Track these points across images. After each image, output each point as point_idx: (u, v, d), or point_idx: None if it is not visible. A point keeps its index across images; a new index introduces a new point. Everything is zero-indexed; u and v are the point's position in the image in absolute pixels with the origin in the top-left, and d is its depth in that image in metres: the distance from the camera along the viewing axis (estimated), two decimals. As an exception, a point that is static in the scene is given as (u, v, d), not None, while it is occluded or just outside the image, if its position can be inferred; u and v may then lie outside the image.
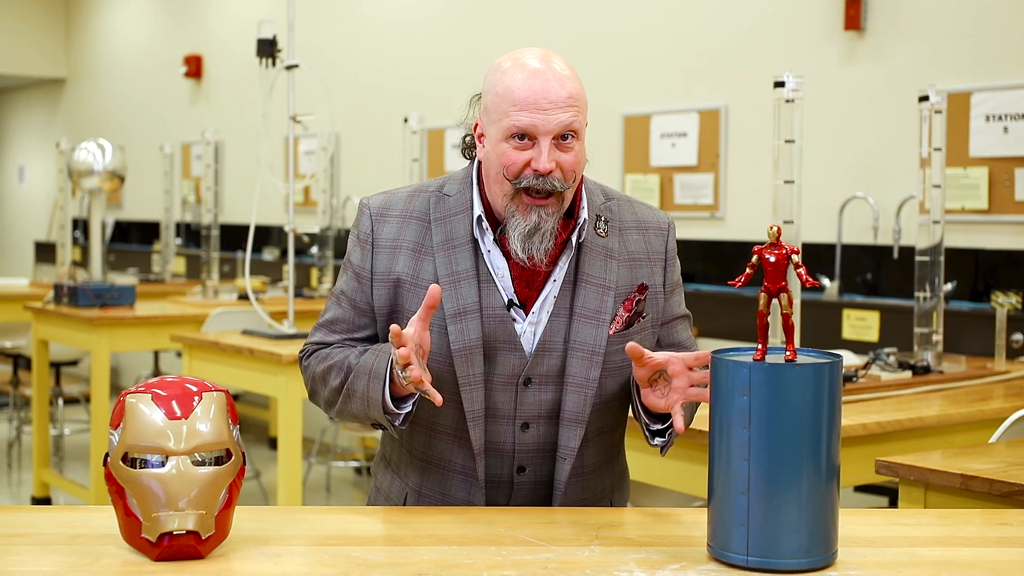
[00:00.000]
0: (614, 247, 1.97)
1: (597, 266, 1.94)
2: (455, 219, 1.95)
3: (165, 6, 9.07)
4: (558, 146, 1.85)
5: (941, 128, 3.57)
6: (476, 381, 1.91)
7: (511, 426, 1.94)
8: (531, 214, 1.86)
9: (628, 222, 2.01)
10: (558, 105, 1.83)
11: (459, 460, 1.96)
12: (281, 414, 4.09)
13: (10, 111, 11.82)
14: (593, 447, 1.99)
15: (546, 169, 1.83)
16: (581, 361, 1.92)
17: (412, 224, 1.97)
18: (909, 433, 2.93)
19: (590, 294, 1.93)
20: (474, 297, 1.91)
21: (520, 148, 1.85)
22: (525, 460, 1.96)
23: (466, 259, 1.92)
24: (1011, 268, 4.11)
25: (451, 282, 1.91)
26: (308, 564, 1.58)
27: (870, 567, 1.57)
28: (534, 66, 1.86)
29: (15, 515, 1.83)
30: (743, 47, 5.00)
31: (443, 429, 1.95)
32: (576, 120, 1.85)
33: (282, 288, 5.91)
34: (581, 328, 1.92)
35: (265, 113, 4.36)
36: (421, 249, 1.95)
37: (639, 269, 1.98)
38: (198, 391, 1.61)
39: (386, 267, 1.96)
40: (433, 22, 6.57)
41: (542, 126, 1.83)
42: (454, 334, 1.90)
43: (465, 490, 1.96)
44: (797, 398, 1.53)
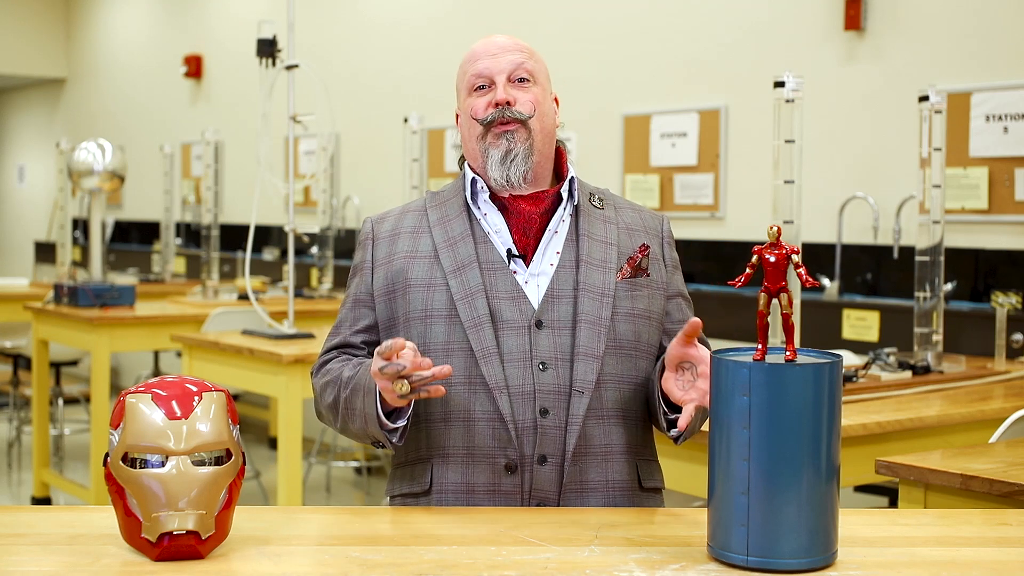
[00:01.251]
0: (611, 216, 2.09)
1: (597, 226, 2.06)
2: (448, 202, 2.09)
3: (165, 6, 9.07)
4: (515, 86, 2.03)
5: (941, 128, 3.57)
6: (482, 321, 1.96)
7: (528, 367, 1.96)
8: (501, 140, 2.01)
9: (622, 204, 2.14)
10: (507, 49, 2.05)
11: (479, 406, 1.95)
12: (281, 414, 4.09)
13: (10, 111, 11.82)
14: (612, 391, 1.98)
15: (502, 98, 2.01)
16: (592, 301, 1.99)
17: (409, 215, 2.11)
18: (909, 433, 2.94)
19: (594, 247, 2.03)
20: (471, 253, 2.01)
21: (482, 94, 2.04)
22: (547, 402, 1.95)
23: (460, 224, 2.04)
24: (1011, 268, 4.11)
25: (448, 245, 2.02)
26: (308, 564, 1.58)
27: (870, 567, 1.57)
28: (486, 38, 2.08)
29: (15, 515, 1.83)
30: (743, 47, 5.00)
31: (457, 379, 1.95)
32: (528, 63, 2.04)
33: (282, 288, 5.91)
34: (589, 272, 2.01)
35: (265, 113, 4.36)
36: (419, 230, 2.07)
37: (637, 237, 2.09)
38: (198, 391, 1.61)
39: (387, 252, 2.07)
40: (433, 22, 6.57)
41: (494, 66, 2.03)
42: (455, 286, 1.98)
43: (492, 436, 1.94)
44: (797, 398, 1.53)
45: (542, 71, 2.08)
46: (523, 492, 1.94)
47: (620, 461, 2.00)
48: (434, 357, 1.96)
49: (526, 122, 2.01)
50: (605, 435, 1.98)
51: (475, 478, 1.95)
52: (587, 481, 1.96)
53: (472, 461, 1.95)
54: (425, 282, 2.01)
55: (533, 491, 1.94)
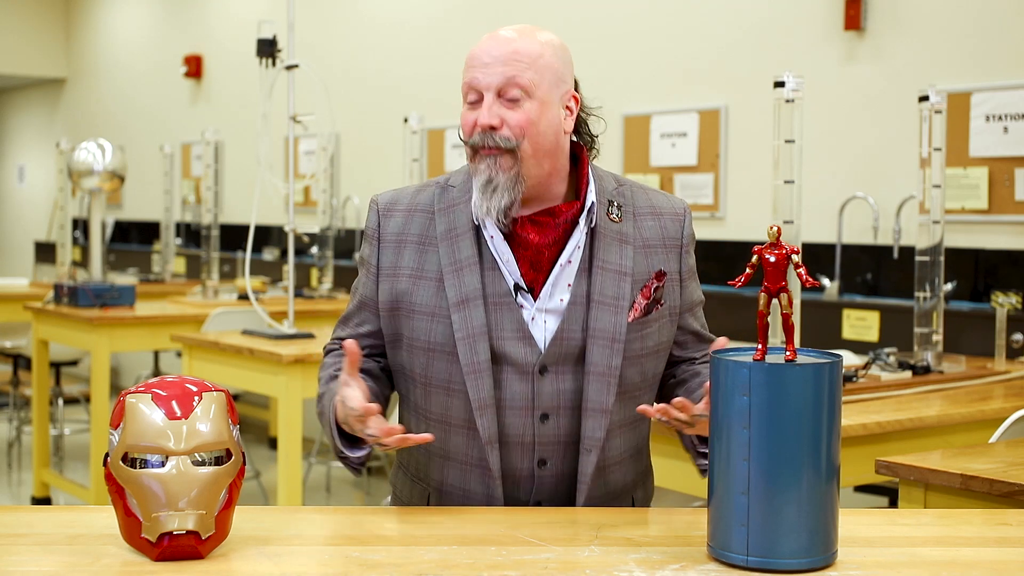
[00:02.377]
0: (628, 232, 1.94)
1: (612, 252, 1.92)
2: (457, 208, 1.94)
3: (165, 6, 9.07)
4: (505, 104, 1.85)
5: (941, 128, 3.57)
6: (481, 368, 1.88)
7: (529, 417, 1.90)
8: (482, 165, 1.86)
9: (642, 208, 1.98)
10: (499, 60, 1.85)
11: (475, 453, 1.92)
12: (281, 414, 4.09)
13: (10, 111, 11.82)
14: (616, 439, 1.94)
15: (484, 123, 1.84)
16: (602, 349, 1.89)
17: (417, 217, 1.97)
18: (909, 433, 2.93)
19: (607, 280, 1.90)
20: (476, 284, 1.89)
21: (472, 108, 1.88)
22: (546, 453, 1.92)
23: (468, 247, 1.91)
24: (1011, 268, 4.11)
25: (454, 270, 1.90)
26: (308, 564, 1.58)
27: (870, 567, 1.57)
28: (496, 32, 1.91)
29: (15, 515, 1.83)
30: (743, 47, 5.00)
31: (456, 422, 1.93)
32: (521, 76, 1.84)
33: (282, 288, 5.91)
34: (600, 315, 1.89)
35: (265, 113, 4.36)
36: (425, 241, 1.94)
37: (655, 256, 1.95)
38: (198, 391, 1.61)
39: (392, 262, 1.96)
40: (433, 22, 6.57)
41: (482, 79, 1.86)
42: (457, 322, 1.88)
43: (484, 484, 1.92)
44: (797, 398, 1.53)
45: (547, 78, 1.86)
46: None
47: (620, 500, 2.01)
48: (436, 393, 1.93)
49: (513, 149, 1.84)
50: (606, 484, 1.96)
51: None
52: None
53: (467, 502, 1.95)
54: (429, 311, 1.91)
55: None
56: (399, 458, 2.10)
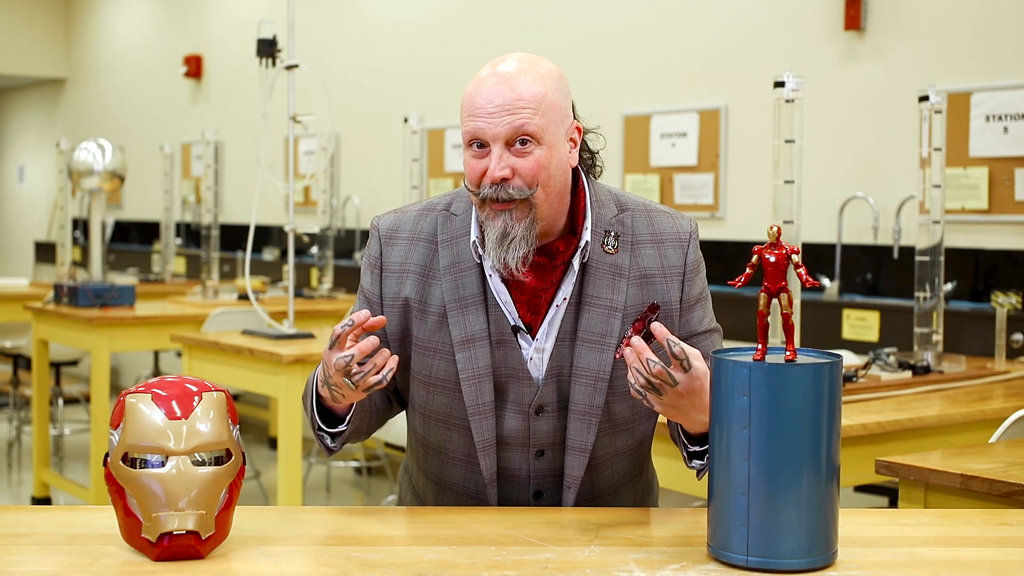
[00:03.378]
0: (624, 264, 1.89)
1: (603, 287, 1.87)
2: (461, 241, 1.90)
3: (165, 6, 9.07)
4: (514, 152, 1.79)
5: (941, 128, 3.57)
6: (486, 410, 1.89)
7: (526, 453, 1.92)
8: (497, 220, 1.81)
9: (642, 235, 1.92)
10: (505, 109, 1.78)
11: (472, 486, 1.95)
12: (281, 414, 4.09)
13: (10, 111, 11.82)
14: (606, 471, 1.95)
15: (495, 177, 1.79)
16: (584, 388, 1.88)
17: (419, 246, 1.93)
18: (909, 433, 2.93)
19: (594, 317, 1.87)
20: (482, 324, 1.87)
21: (478, 156, 1.82)
22: (542, 485, 1.94)
23: (473, 283, 1.88)
24: (1011, 268, 4.11)
25: (458, 308, 1.88)
26: (308, 564, 1.58)
27: (870, 567, 1.57)
28: (495, 70, 1.82)
29: (15, 515, 1.83)
30: (743, 47, 5.00)
31: (455, 455, 1.94)
32: (530, 123, 1.78)
33: (282, 288, 5.91)
34: (584, 353, 1.87)
35: (265, 113, 4.36)
36: (428, 273, 1.91)
37: (652, 286, 1.90)
38: (198, 391, 1.61)
39: (394, 292, 1.93)
40: (433, 22, 6.57)
41: (489, 131, 1.79)
42: (462, 362, 1.87)
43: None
44: (797, 398, 1.53)
45: (552, 119, 1.80)
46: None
47: None
48: (435, 425, 1.94)
49: (527, 199, 1.80)
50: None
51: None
52: None
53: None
54: (431, 346, 1.90)
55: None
56: (406, 462, 2.11)
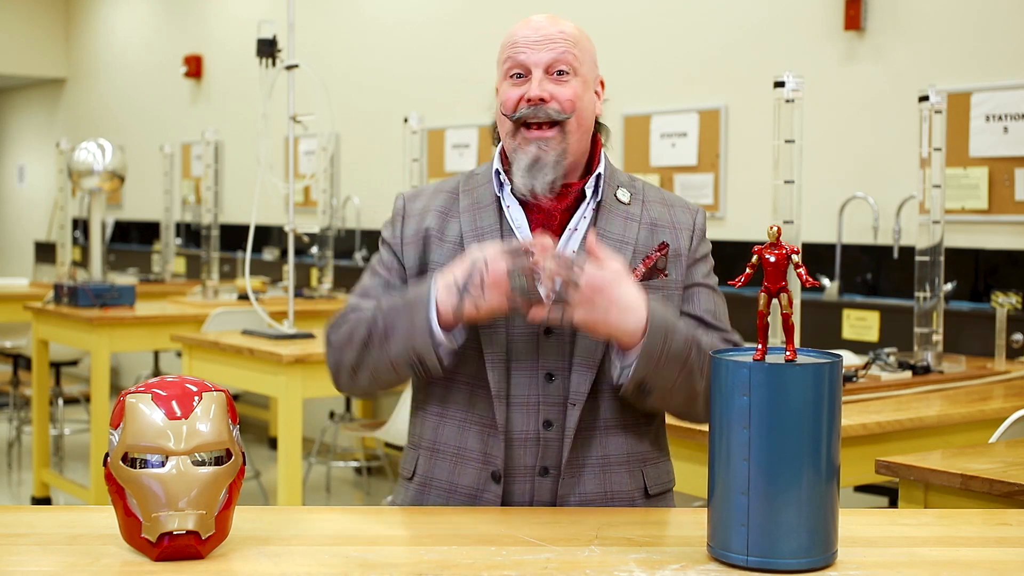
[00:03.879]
0: (635, 212, 2.00)
1: (615, 225, 1.97)
2: (481, 188, 2.01)
3: (165, 6, 9.07)
4: (552, 80, 1.92)
5: (941, 128, 3.57)
6: (496, 325, 1.92)
7: (535, 378, 1.92)
8: (530, 146, 1.91)
9: (653, 197, 2.04)
10: (549, 38, 1.93)
11: (477, 410, 1.93)
12: (281, 414, 4.09)
13: (10, 111, 11.82)
14: (611, 400, 1.94)
15: (536, 95, 1.90)
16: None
17: (441, 195, 2.04)
18: (909, 433, 2.93)
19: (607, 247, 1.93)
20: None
21: (516, 84, 1.93)
22: (550, 414, 1.93)
23: (490, 216, 1.97)
24: (1011, 268, 4.11)
25: (474, 237, 1.96)
26: (308, 564, 1.58)
27: (870, 567, 1.57)
28: (535, 16, 1.98)
29: (15, 515, 1.83)
30: (743, 47, 5.00)
31: (462, 378, 1.95)
32: (570, 53, 1.92)
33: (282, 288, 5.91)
34: None
35: (265, 113, 4.36)
36: (448, 212, 2.00)
37: (661, 233, 1.99)
38: (198, 391, 1.61)
39: (414, 229, 2.01)
40: (433, 22, 6.57)
41: (532, 56, 1.92)
42: None
43: (483, 442, 1.93)
44: (797, 398, 1.53)
45: (587, 58, 1.96)
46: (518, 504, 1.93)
47: (620, 472, 1.96)
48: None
49: (562, 123, 1.91)
50: (601, 446, 1.95)
51: (459, 479, 1.95)
52: (586, 493, 1.94)
53: (461, 461, 1.95)
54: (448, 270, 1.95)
55: (535, 502, 1.93)
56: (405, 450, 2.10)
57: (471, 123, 6.05)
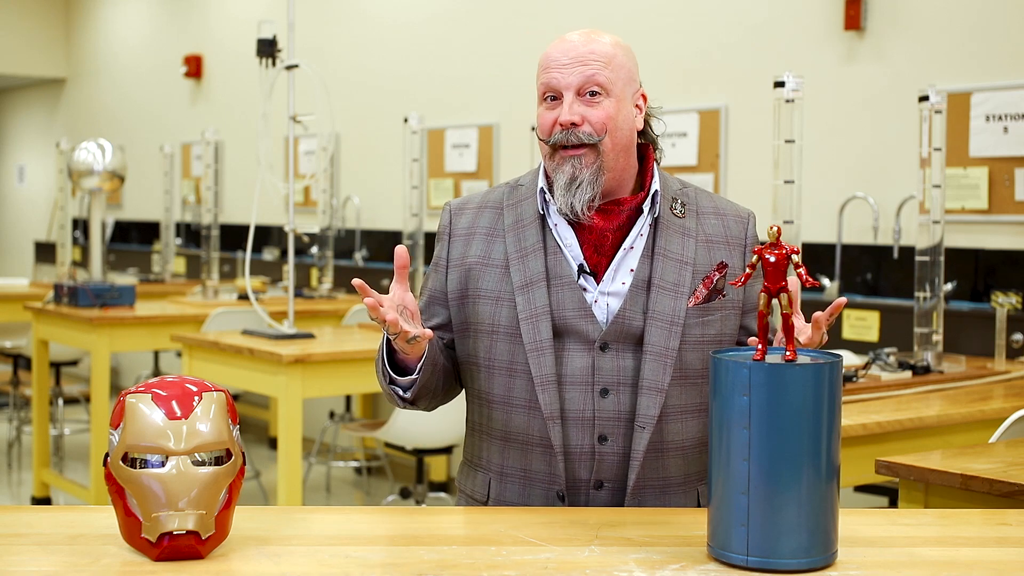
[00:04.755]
0: (691, 227, 2.00)
1: (674, 242, 1.98)
2: (525, 202, 2.02)
3: (165, 6, 9.07)
4: (584, 101, 1.92)
5: (941, 128, 3.57)
6: (544, 346, 1.93)
7: (589, 393, 1.93)
8: (565, 165, 1.93)
9: (706, 208, 2.04)
10: (578, 60, 1.92)
11: (536, 432, 1.94)
12: (281, 414, 4.09)
13: (10, 111, 11.82)
14: (675, 423, 1.96)
15: (567, 121, 1.91)
16: (660, 330, 1.93)
17: (487, 212, 2.05)
18: (909, 433, 2.94)
19: (668, 267, 1.96)
20: (540, 268, 1.96)
21: (550, 108, 1.95)
22: (605, 429, 1.94)
23: (534, 234, 1.98)
24: (1011, 268, 4.11)
25: (519, 256, 1.97)
26: (308, 564, 1.58)
27: (870, 567, 1.57)
28: (568, 35, 1.97)
29: (15, 515, 1.83)
30: (743, 47, 5.00)
31: (518, 402, 1.96)
32: (601, 74, 1.92)
33: (282, 288, 5.91)
34: (660, 298, 1.95)
35: (265, 113, 4.36)
36: (493, 233, 2.02)
37: (717, 251, 2.00)
38: (198, 391, 1.61)
39: (461, 253, 2.03)
40: (433, 22, 6.57)
41: (562, 79, 1.92)
42: (521, 304, 1.94)
43: (546, 463, 1.94)
44: (797, 398, 1.53)
45: (621, 76, 1.94)
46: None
47: (678, 492, 1.99)
48: (498, 375, 1.97)
49: (596, 144, 1.92)
50: (664, 468, 1.97)
51: (530, 500, 1.97)
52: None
53: (528, 483, 1.97)
54: (494, 295, 1.98)
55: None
56: (464, 455, 2.12)
57: (471, 123, 6.05)
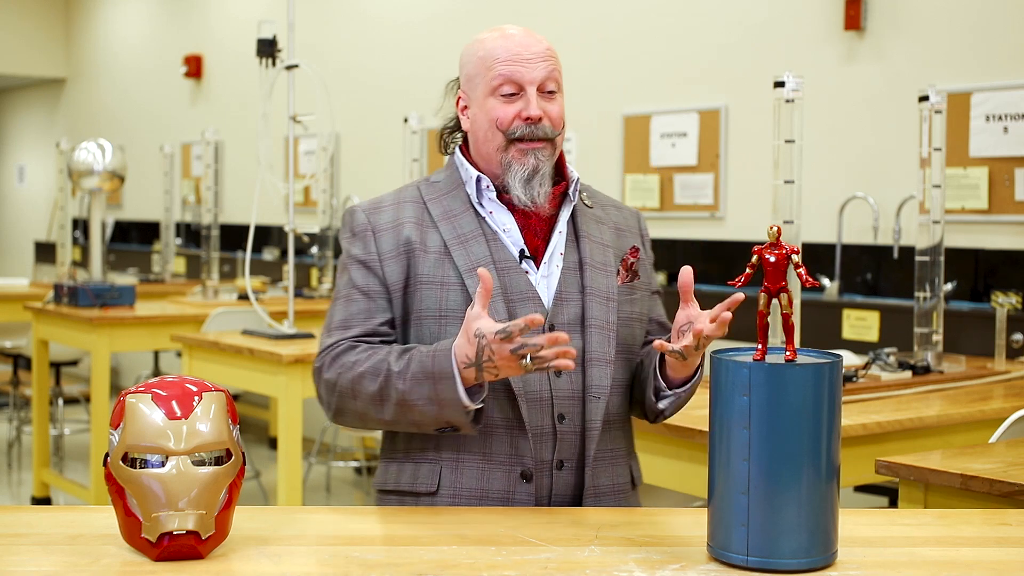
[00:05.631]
0: (600, 215, 2.09)
1: (592, 227, 2.05)
2: (448, 196, 2.04)
3: (165, 6, 9.07)
4: (543, 97, 1.98)
5: (941, 128, 3.57)
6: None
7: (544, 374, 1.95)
8: (528, 158, 1.97)
9: (602, 200, 2.14)
10: (540, 56, 1.98)
11: (498, 413, 1.93)
12: (281, 414, 4.09)
13: (10, 111, 11.82)
14: (615, 396, 2.01)
15: (536, 115, 1.96)
16: (599, 305, 1.99)
17: (407, 206, 2.05)
18: (909, 433, 2.93)
19: (595, 249, 2.03)
20: (485, 252, 1.97)
21: (508, 101, 1.97)
22: (563, 407, 1.96)
23: (470, 222, 2.00)
24: (1011, 268, 4.11)
25: (459, 243, 1.98)
26: (308, 564, 1.58)
27: (870, 567, 1.57)
28: (511, 30, 2.03)
29: (15, 515, 1.83)
30: (743, 47, 5.00)
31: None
32: (556, 72, 1.99)
33: (282, 288, 5.91)
34: (594, 276, 2.00)
35: (265, 113, 4.36)
36: (423, 223, 2.02)
37: (624, 237, 2.09)
38: (198, 391, 1.61)
39: (393, 244, 2.00)
40: (433, 22, 6.57)
41: (528, 75, 1.97)
42: (472, 287, 1.93)
43: (508, 443, 1.94)
44: (797, 398, 1.53)
45: (560, 72, 2.02)
46: (538, 499, 1.95)
47: (622, 464, 2.04)
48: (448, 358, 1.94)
49: (553, 139, 1.98)
50: (612, 439, 2.01)
51: (490, 484, 1.95)
52: (600, 485, 1.99)
53: (488, 466, 1.95)
54: (438, 280, 1.96)
55: (553, 497, 1.95)
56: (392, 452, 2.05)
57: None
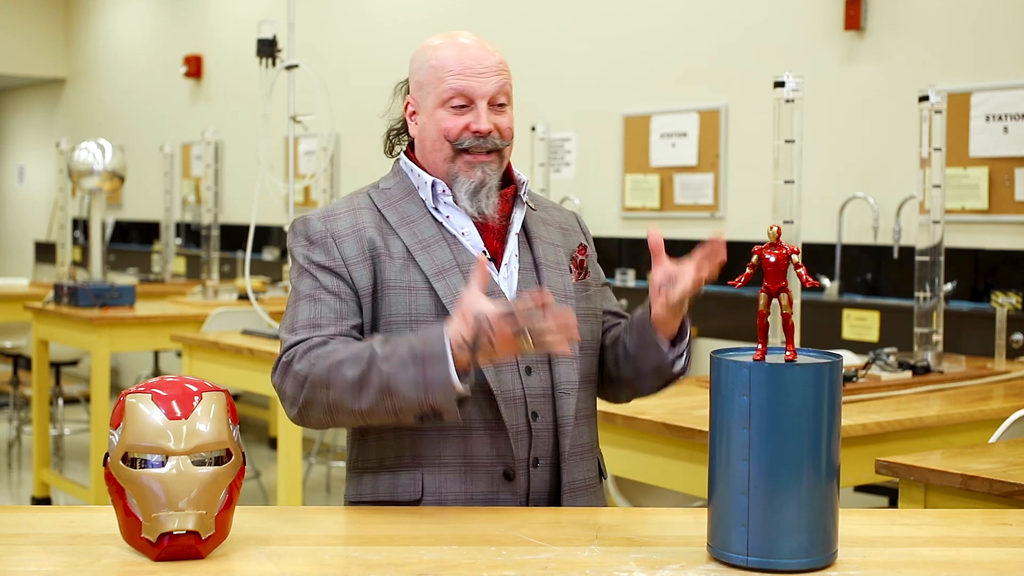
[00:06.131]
0: (544, 216, 2.12)
1: (541, 228, 2.08)
2: (403, 202, 2.03)
3: (165, 6, 9.07)
4: (493, 110, 1.99)
5: (941, 128, 3.57)
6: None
7: (516, 371, 1.96)
8: (475, 171, 1.98)
9: (542, 202, 2.16)
10: (492, 70, 1.99)
11: (477, 415, 1.92)
12: (281, 414, 4.09)
13: (10, 111, 11.82)
14: (583, 391, 2.03)
15: (486, 129, 1.97)
16: (559, 303, 1.99)
17: (364, 212, 2.02)
18: (909, 433, 2.93)
19: (547, 249, 2.06)
20: (449, 256, 1.97)
21: (458, 113, 1.98)
22: (535, 405, 1.97)
23: (430, 227, 2.00)
24: (1011, 268, 4.11)
25: (421, 248, 1.98)
26: (308, 564, 1.58)
27: (870, 567, 1.57)
28: (464, 40, 2.03)
29: (15, 515, 1.83)
30: (743, 47, 5.00)
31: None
32: (507, 85, 2.01)
33: (282, 288, 5.91)
34: (550, 275, 2.03)
35: (265, 113, 4.36)
36: (382, 229, 2.00)
37: (569, 236, 2.12)
38: (198, 391, 1.61)
39: (357, 249, 1.96)
40: (433, 22, 6.57)
41: (479, 88, 1.98)
42: (442, 290, 1.93)
43: (488, 444, 1.93)
44: (797, 398, 1.53)
45: (511, 83, 2.04)
46: (519, 497, 1.95)
47: (591, 459, 2.06)
48: None
49: (502, 150, 2.00)
50: (580, 435, 2.03)
51: (474, 487, 1.93)
52: (575, 481, 1.99)
53: (471, 470, 1.94)
54: (405, 285, 1.94)
55: (531, 495, 1.95)
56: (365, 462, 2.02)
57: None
